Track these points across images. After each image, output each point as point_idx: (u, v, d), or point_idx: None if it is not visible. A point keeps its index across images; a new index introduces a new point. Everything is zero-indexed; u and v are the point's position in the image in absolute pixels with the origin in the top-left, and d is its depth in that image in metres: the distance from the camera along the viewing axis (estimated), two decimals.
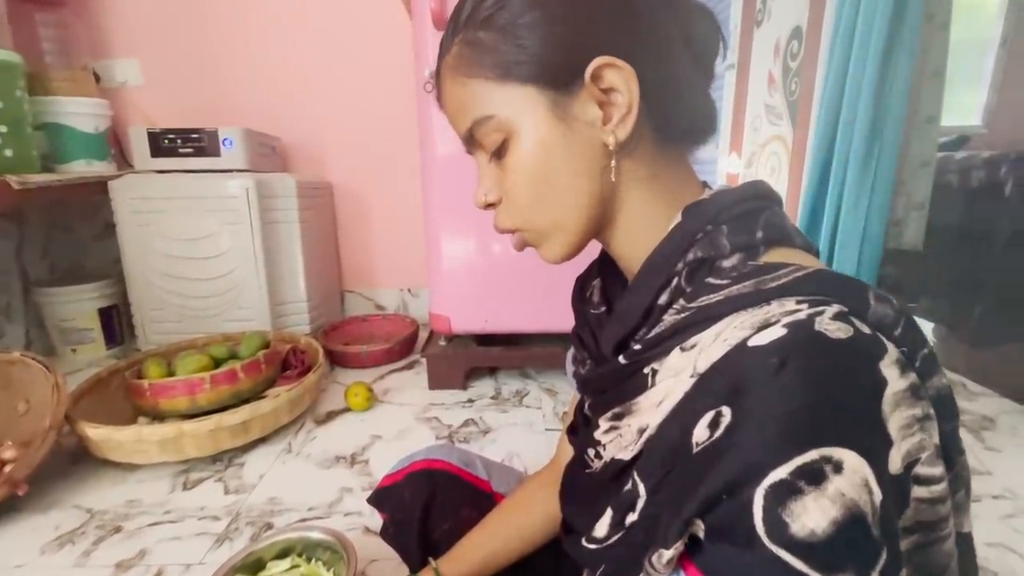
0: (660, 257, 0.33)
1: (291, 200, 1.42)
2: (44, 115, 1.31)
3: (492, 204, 0.38)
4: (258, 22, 1.57)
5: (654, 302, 0.33)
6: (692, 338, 0.29)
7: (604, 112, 0.33)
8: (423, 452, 0.61)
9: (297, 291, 1.48)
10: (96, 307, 1.48)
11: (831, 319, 0.24)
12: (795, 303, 0.25)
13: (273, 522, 0.81)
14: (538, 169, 0.34)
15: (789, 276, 0.27)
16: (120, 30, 1.56)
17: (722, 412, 0.24)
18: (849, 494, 0.21)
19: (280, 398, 1.02)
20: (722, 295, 0.28)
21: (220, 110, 1.61)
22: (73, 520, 0.82)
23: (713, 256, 0.31)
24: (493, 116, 0.33)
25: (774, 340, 0.24)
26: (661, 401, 0.30)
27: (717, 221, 0.32)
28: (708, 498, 0.23)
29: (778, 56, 1.87)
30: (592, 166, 0.34)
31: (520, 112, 0.33)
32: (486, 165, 0.37)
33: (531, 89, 0.32)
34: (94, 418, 0.93)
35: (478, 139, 0.35)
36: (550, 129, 0.33)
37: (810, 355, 0.23)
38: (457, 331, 1.24)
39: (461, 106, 0.35)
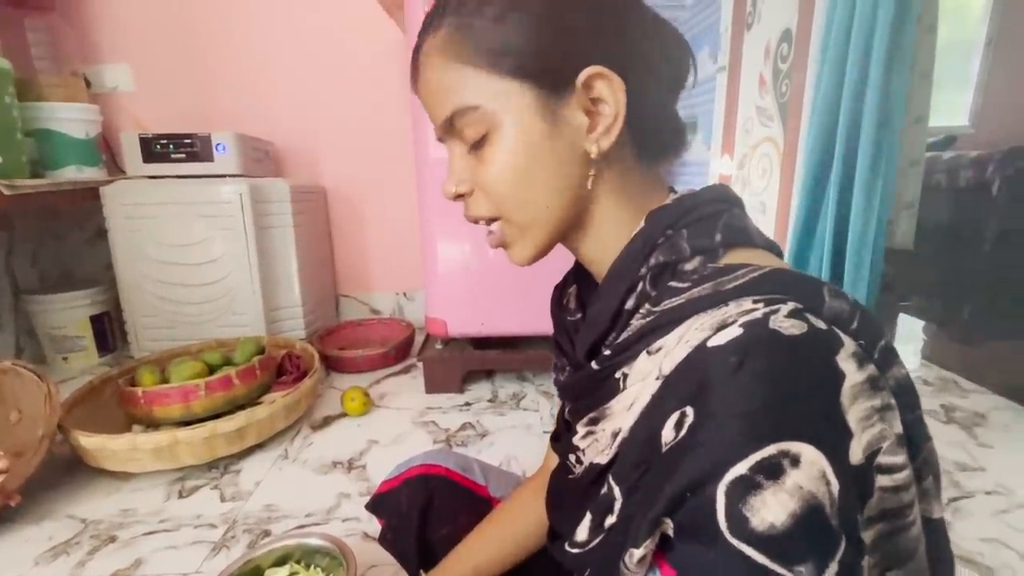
0: (624, 262, 0.34)
1: (285, 205, 1.41)
2: (34, 121, 1.30)
3: (462, 195, 0.37)
4: (250, 26, 1.56)
5: (621, 307, 0.33)
6: (657, 341, 0.30)
7: (590, 120, 0.33)
8: (420, 457, 0.61)
9: (292, 296, 1.47)
10: (88, 314, 1.46)
11: (786, 316, 0.25)
12: (751, 303, 0.26)
13: (270, 529, 0.80)
14: (519, 166, 0.33)
15: (745, 277, 0.28)
16: (111, 35, 1.55)
17: (686, 412, 0.25)
18: (807, 487, 0.22)
19: (276, 404, 1.01)
20: (683, 298, 0.29)
21: (213, 115, 1.60)
22: (67, 530, 0.81)
23: (675, 260, 0.32)
24: (479, 107, 0.33)
25: (731, 340, 0.25)
26: (631, 404, 0.30)
27: (677, 225, 0.33)
28: (674, 496, 0.24)
29: (768, 58, 1.89)
30: (571, 171, 0.34)
31: (507, 106, 0.32)
32: (460, 155, 0.36)
33: (522, 85, 0.32)
34: (87, 427, 0.92)
35: (457, 128, 0.34)
36: (535, 128, 0.33)
37: (766, 353, 0.24)
38: (453, 335, 1.24)
39: (443, 91, 0.34)
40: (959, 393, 1.22)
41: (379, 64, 1.60)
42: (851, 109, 1.55)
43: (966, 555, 0.72)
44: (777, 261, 0.32)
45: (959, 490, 0.86)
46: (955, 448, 0.98)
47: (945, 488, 0.86)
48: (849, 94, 1.54)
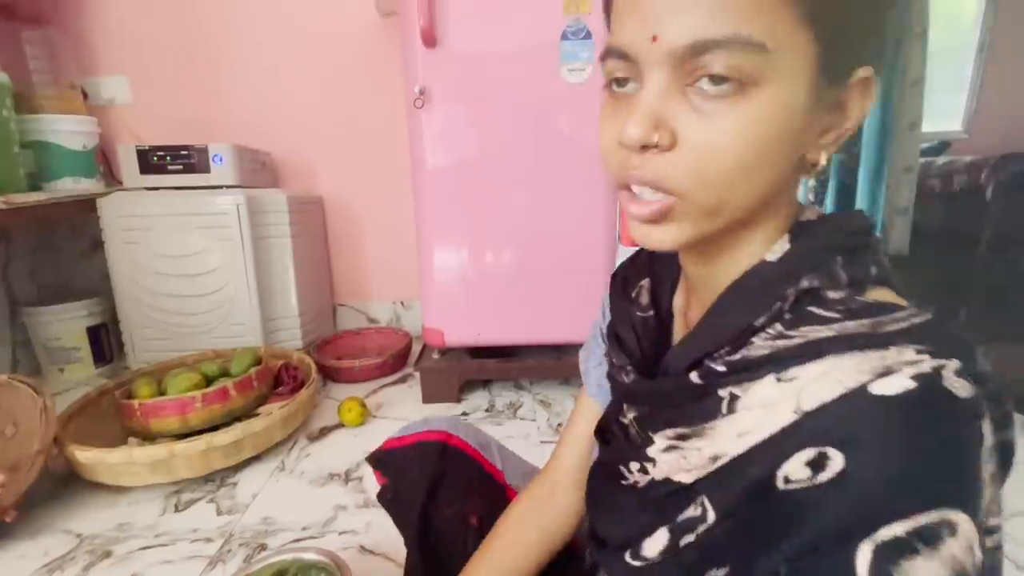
0: (768, 278, 0.30)
1: (282, 215, 1.42)
2: (31, 133, 1.30)
3: (652, 146, 0.27)
4: (247, 37, 1.57)
5: (751, 324, 0.30)
6: (792, 369, 0.27)
7: (831, 122, 0.28)
8: (438, 422, 0.57)
9: (289, 306, 1.47)
10: (84, 326, 1.46)
11: (955, 375, 0.23)
12: (915, 352, 0.24)
13: (267, 543, 0.80)
14: (764, 142, 0.26)
15: (907, 322, 0.26)
16: (108, 47, 1.56)
17: (829, 455, 0.24)
18: (959, 557, 0.21)
19: (273, 415, 1.01)
20: (833, 330, 0.27)
21: (210, 126, 1.61)
22: (63, 545, 0.81)
23: (826, 287, 0.29)
24: (767, 49, 0.25)
25: (902, 392, 0.23)
26: (746, 432, 0.28)
27: (833, 250, 0.30)
28: (805, 544, 0.23)
29: None
30: (787, 169, 0.29)
31: (790, 63, 0.25)
32: (664, 92, 0.27)
33: (816, 52, 0.26)
34: (84, 440, 0.92)
35: (705, 61, 0.25)
36: (800, 106, 0.26)
37: (937, 413, 0.23)
38: (450, 344, 1.24)
39: (725, 3, 0.24)
40: None
41: (376, 74, 1.60)
42: None
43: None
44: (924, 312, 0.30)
45: None
46: None
47: None
48: None
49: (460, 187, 1.15)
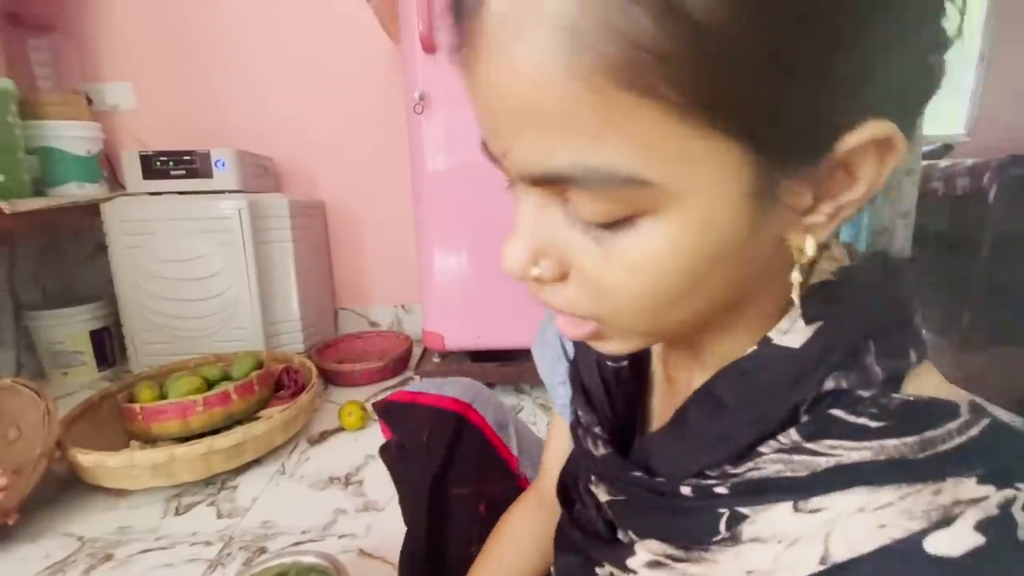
0: (777, 376, 0.23)
1: (284, 220, 1.42)
2: (36, 139, 1.32)
3: (539, 279, 0.23)
4: (249, 44, 1.59)
5: (761, 436, 0.23)
6: (815, 499, 0.21)
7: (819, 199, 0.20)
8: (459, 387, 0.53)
9: (290, 310, 1.48)
10: (87, 329, 1.47)
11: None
12: (976, 483, 0.19)
13: (267, 546, 0.80)
14: (680, 276, 0.20)
15: (962, 436, 0.20)
16: (112, 54, 1.57)
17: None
18: None
19: (274, 419, 1.01)
20: (868, 451, 0.20)
21: (212, 131, 1.62)
22: (63, 549, 0.81)
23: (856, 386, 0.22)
24: (647, 183, 0.18)
25: (968, 553, 0.18)
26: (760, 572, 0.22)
27: (862, 333, 0.23)
28: None
29: None
30: (754, 275, 0.22)
31: (698, 183, 0.18)
32: (547, 221, 0.22)
33: (735, 151, 0.18)
34: (86, 443, 0.93)
35: (567, 191, 0.20)
36: (734, 224, 0.19)
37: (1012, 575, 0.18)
38: (451, 348, 1.24)
39: (567, 125, 0.18)
40: None
41: (375, 79, 1.61)
42: None
43: None
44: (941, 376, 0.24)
45: None
46: None
47: None
48: None
49: (460, 191, 1.15)
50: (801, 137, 0.18)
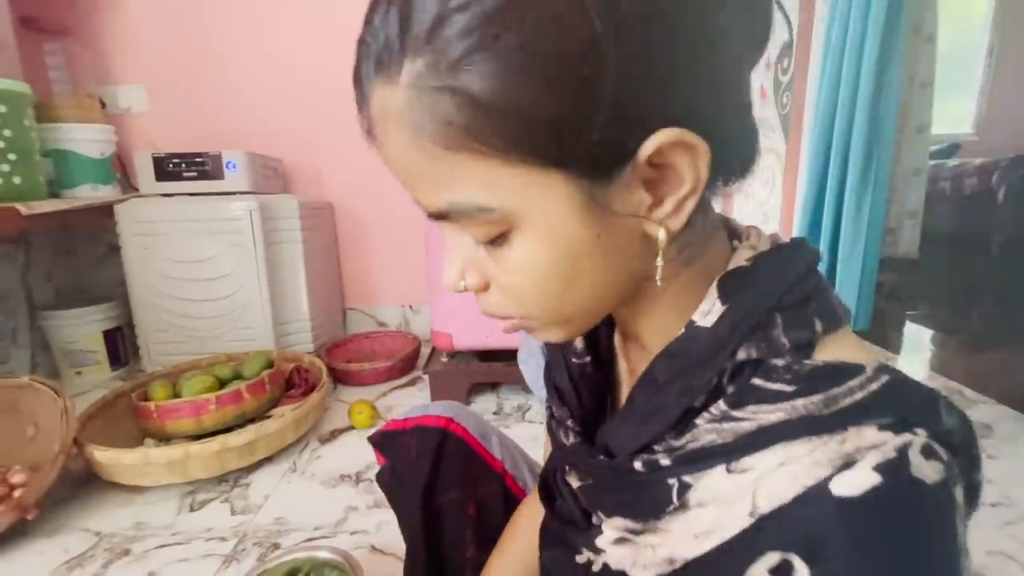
0: (700, 352, 0.27)
1: (293, 221, 1.44)
2: (51, 142, 1.34)
3: (472, 289, 0.29)
4: (259, 47, 1.60)
5: (688, 408, 0.27)
6: (744, 459, 0.24)
7: (653, 195, 0.24)
8: (440, 407, 0.56)
9: (300, 310, 1.50)
10: (101, 329, 1.49)
11: (921, 453, 0.21)
12: (876, 431, 0.22)
13: (280, 542, 0.82)
14: (553, 272, 0.25)
15: (863, 391, 0.23)
16: (125, 57, 1.60)
17: (792, 563, 0.22)
18: None
19: (285, 418, 1.03)
20: (782, 411, 0.24)
21: (223, 133, 1.64)
22: (82, 544, 0.83)
23: (767, 357, 0.25)
24: (492, 210, 0.24)
25: (866, 493, 0.21)
26: (702, 533, 0.25)
27: (772, 308, 0.26)
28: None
29: (769, 71, 1.91)
30: (625, 261, 0.26)
31: (533, 203, 0.23)
32: (463, 244, 0.28)
33: (553, 175, 0.23)
34: (101, 441, 0.94)
35: (457, 222, 0.26)
36: (577, 226, 0.24)
37: (909, 510, 0.21)
38: (459, 347, 1.25)
39: (425, 176, 0.24)
40: (964, 404, 1.21)
41: None
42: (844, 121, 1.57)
43: (975, 569, 0.72)
44: (860, 343, 0.28)
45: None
46: None
47: None
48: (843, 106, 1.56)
49: None
50: (600, 156, 0.23)
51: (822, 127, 1.59)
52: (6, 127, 1.14)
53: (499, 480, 0.56)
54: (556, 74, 0.21)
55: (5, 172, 1.15)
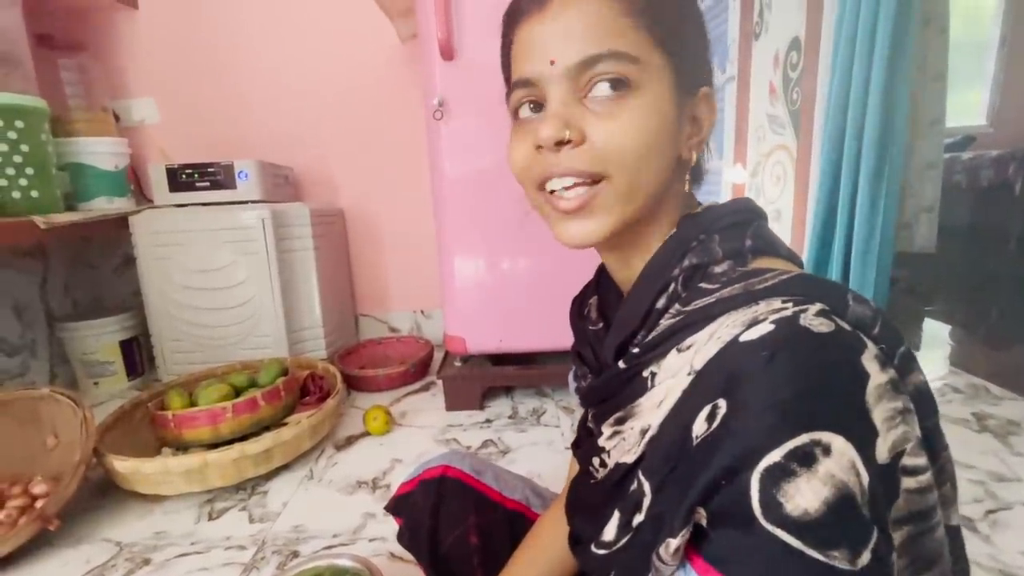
0: (657, 264, 0.35)
1: (305, 228, 1.45)
2: (67, 155, 1.36)
3: (564, 142, 0.33)
4: (268, 57, 1.62)
5: (652, 306, 0.34)
6: (688, 339, 0.31)
7: (691, 129, 0.36)
8: (437, 459, 0.62)
9: (313, 317, 1.50)
10: (117, 339, 1.51)
11: (814, 315, 0.26)
12: (780, 302, 0.27)
13: (299, 550, 0.81)
14: (650, 130, 0.33)
15: (775, 279, 0.29)
16: (137, 71, 1.62)
17: (718, 404, 0.26)
18: (839, 475, 0.22)
19: (301, 425, 1.03)
20: (714, 297, 0.30)
21: (234, 143, 1.66)
22: (103, 553, 0.83)
23: (706, 262, 0.33)
24: (640, 60, 0.32)
25: (763, 335, 0.26)
26: (661, 401, 0.31)
27: (709, 231, 0.34)
28: (709, 484, 0.25)
29: (778, 67, 1.89)
30: (672, 161, 0.35)
31: (656, 76, 0.33)
32: (567, 102, 0.33)
33: (671, 69, 0.34)
34: (120, 450, 0.95)
35: (600, 70, 0.32)
36: (669, 108, 0.34)
37: (796, 347, 0.25)
38: (472, 352, 1.25)
39: (604, 30, 0.32)
40: (991, 400, 1.19)
41: (393, 87, 1.64)
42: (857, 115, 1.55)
43: (1006, 569, 0.70)
44: (799, 270, 0.33)
45: (996, 501, 0.84)
46: (989, 458, 0.96)
47: (981, 499, 0.84)
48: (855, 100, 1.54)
49: (480, 196, 1.16)
50: (692, 76, 0.35)
51: (835, 122, 1.57)
52: (24, 142, 1.16)
53: (497, 507, 0.59)
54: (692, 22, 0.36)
55: (23, 186, 1.17)
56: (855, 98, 1.50)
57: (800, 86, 1.77)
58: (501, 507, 0.60)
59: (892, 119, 1.45)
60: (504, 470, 0.65)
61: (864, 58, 1.43)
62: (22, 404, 0.99)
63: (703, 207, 0.37)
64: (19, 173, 1.16)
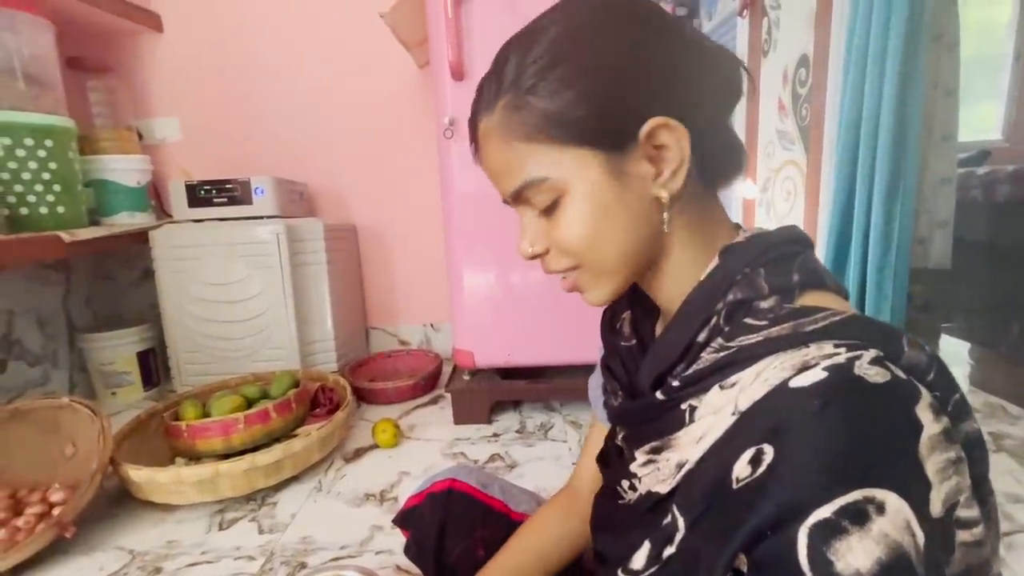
0: (700, 297, 0.34)
1: (319, 243, 1.48)
2: (92, 172, 1.41)
3: (538, 255, 0.38)
4: (285, 79, 1.67)
5: (693, 340, 0.34)
6: (732, 376, 0.30)
7: (656, 167, 0.34)
8: (444, 472, 0.63)
9: (325, 330, 1.52)
10: (135, 351, 1.54)
11: (869, 364, 0.25)
12: (833, 347, 0.26)
13: (307, 561, 0.82)
14: (592, 225, 0.34)
15: (826, 320, 0.28)
16: (161, 92, 1.68)
17: (763, 450, 0.25)
18: (892, 535, 0.22)
19: (311, 437, 1.04)
20: (761, 336, 0.29)
21: (251, 160, 1.70)
22: (116, 561, 0.85)
23: (752, 297, 0.32)
24: (547, 179, 0.34)
25: (816, 383, 0.25)
26: (701, 437, 0.30)
27: (755, 264, 0.33)
28: (753, 533, 0.24)
29: (787, 83, 1.90)
30: (644, 219, 0.35)
31: (573, 173, 0.34)
32: (532, 218, 0.37)
33: (584, 151, 0.33)
34: (134, 460, 0.97)
35: (526, 197, 0.36)
36: (605, 188, 0.34)
37: (850, 398, 0.24)
38: (481, 365, 1.26)
39: (507, 167, 0.36)
40: (1008, 420, 1.16)
41: (405, 107, 1.68)
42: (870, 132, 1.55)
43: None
44: (847, 305, 0.33)
45: (1013, 524, 0.82)
46: (1006, 479, 0.93)
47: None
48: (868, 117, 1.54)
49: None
50: (615, 137, 0.33)
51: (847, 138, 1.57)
52: (52, 160, 1.21)
53: (503, 520, 0.60)
54: (586, 91, 0.33)
55: (50, 202, 1.21)
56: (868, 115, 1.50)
57: (809, 102, 1.78)
58: (507, 520, 0.60)
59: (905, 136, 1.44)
60: (511, 484, 0.66)
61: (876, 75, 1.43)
62: (43, 413, 1.02)
63: (748, 236, 0.36)
64: (47, 190, 1.21)
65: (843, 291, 0.34)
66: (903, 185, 1.53)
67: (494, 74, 0.36)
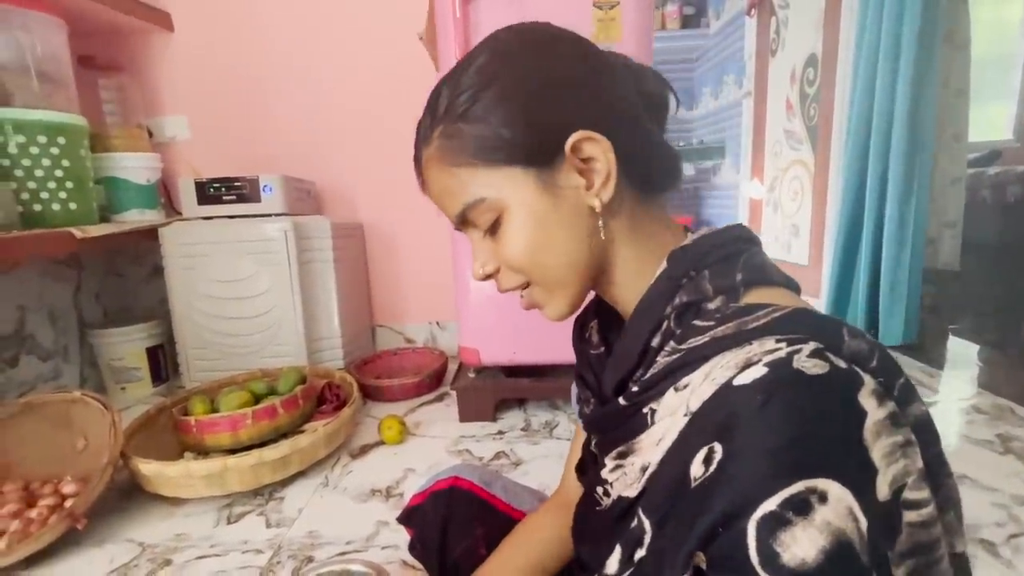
0: (649, 303, 0.36)
1: (326, 241, 1.49)
2: (103, 170, 1.42)
3: (490, 275, 0.40)
4: (293, 78, 1.68)
5: (647, 345, 0.35)
6: (684, 378, 0.31)
7: (586, 179, 0.36)
8: (447, 471, 0.63)
9: (332, 327, 1.53)
10: (144, 346, 1.56)
11: (808, 356, 0.26)
12: (774, 342, 0.27)
13: (313, 555, 0.83)
14: (532, 239, 0.36)
15: (767, 317, 0.29)
16: (171, 91, 1.70)
17: (714, 448, 0.26)
18: (835, 523, 0.22)
19: (318, 432, 1.05)
20: (708, 337, 0.30)
21: (260, 158, 1.72)
22: (127, 553, 0.86)
23: (698, 299, 0.34)
24: (484, 199, 0.36)
25: (757, 379, 0.26)
26: (660, 439, 0.31)
27: (699, 266, 0.35)
28: (707, 530, 0.25)
29: (795, 83, 1.89)
30: (582, 228, 0.36)
31: (508, 191, 0.36)
32: (479, 239, 0.39)
33: (516, 169, 0.35)
34: (144, 454, 0.98)
35: (471, 219, 0.38)
36: (539, 202, 0.36)
37: (790, 391, 0.25)
38: (486, 363, 1.26)
39: (449, 192, 0.38)
40: (1016, 422, 1.15)
41: (412, 106, 1.68)
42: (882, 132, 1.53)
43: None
44: (795, 299, 0.33)
45: (1019, 525, 0.81)
46: (1013, 480, 0.93)
47: (1004, 523, 0.82)
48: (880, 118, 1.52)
49: None
50: (542, 153, 0.35)
51: (857, 138, 1.56)
52: (65, 158, 1.22)
53: (505, 518, 0.61)
54: (512, 113, 0.35)
55: (62, 199, 1.23)
56: (879, 114, 1.49)
57: (817, 102, 1.77)
58: (509, 518, 0.61)
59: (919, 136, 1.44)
60: (513, 482, 0.66)
61: (888, 75, 1.43)
62: (55, 407, 1.03)
63: (694, 238, 0.37)
64: (59, 187, 1.22)
65: (792, 284, 0.35)
66: (917, 184, 1.52)
67: (429, 108, 0.38)
